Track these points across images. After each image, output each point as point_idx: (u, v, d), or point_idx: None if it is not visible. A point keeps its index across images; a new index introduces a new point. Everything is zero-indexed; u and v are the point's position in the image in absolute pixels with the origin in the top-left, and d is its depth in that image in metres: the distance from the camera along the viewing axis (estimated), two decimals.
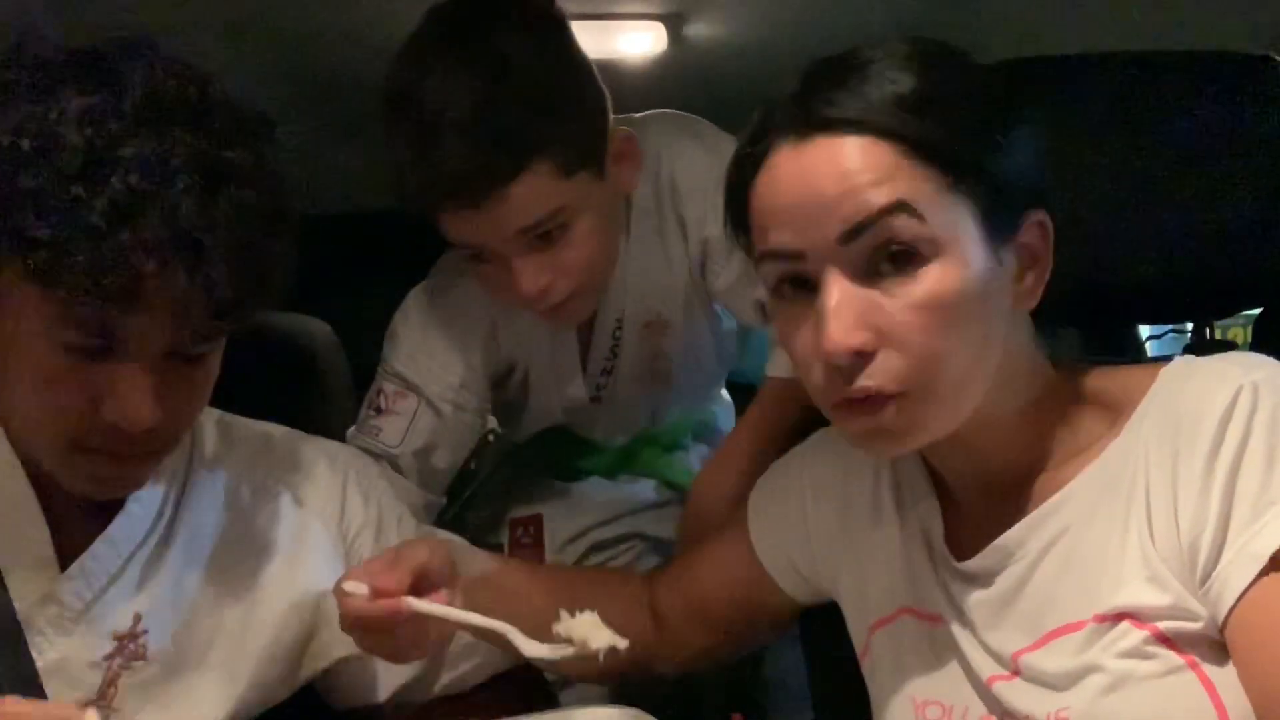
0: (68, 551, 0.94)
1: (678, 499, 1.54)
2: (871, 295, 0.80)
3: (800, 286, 0.83)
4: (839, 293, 0.80)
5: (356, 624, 0.89)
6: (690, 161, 1.32)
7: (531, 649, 0.85)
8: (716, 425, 1.65)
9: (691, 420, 1.61)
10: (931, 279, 0.79)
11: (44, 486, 0.94)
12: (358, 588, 0.87)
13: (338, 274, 1.40)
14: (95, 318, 0.84)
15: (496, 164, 1.10)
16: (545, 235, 1.16)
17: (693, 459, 1.61)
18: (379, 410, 1.33)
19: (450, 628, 0.93)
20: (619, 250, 1.31)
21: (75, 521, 0.95)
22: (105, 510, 0.97)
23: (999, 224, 0.82)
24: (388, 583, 0.87)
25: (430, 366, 1.33)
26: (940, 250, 0.79)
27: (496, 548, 1.51)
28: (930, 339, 0.79)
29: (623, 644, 0.84)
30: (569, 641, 0.83)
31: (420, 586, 0.90)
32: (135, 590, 0.97)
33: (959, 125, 0.80)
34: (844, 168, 0.79)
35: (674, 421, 1.57)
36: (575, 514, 1.53)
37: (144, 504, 0.98)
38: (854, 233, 0.79)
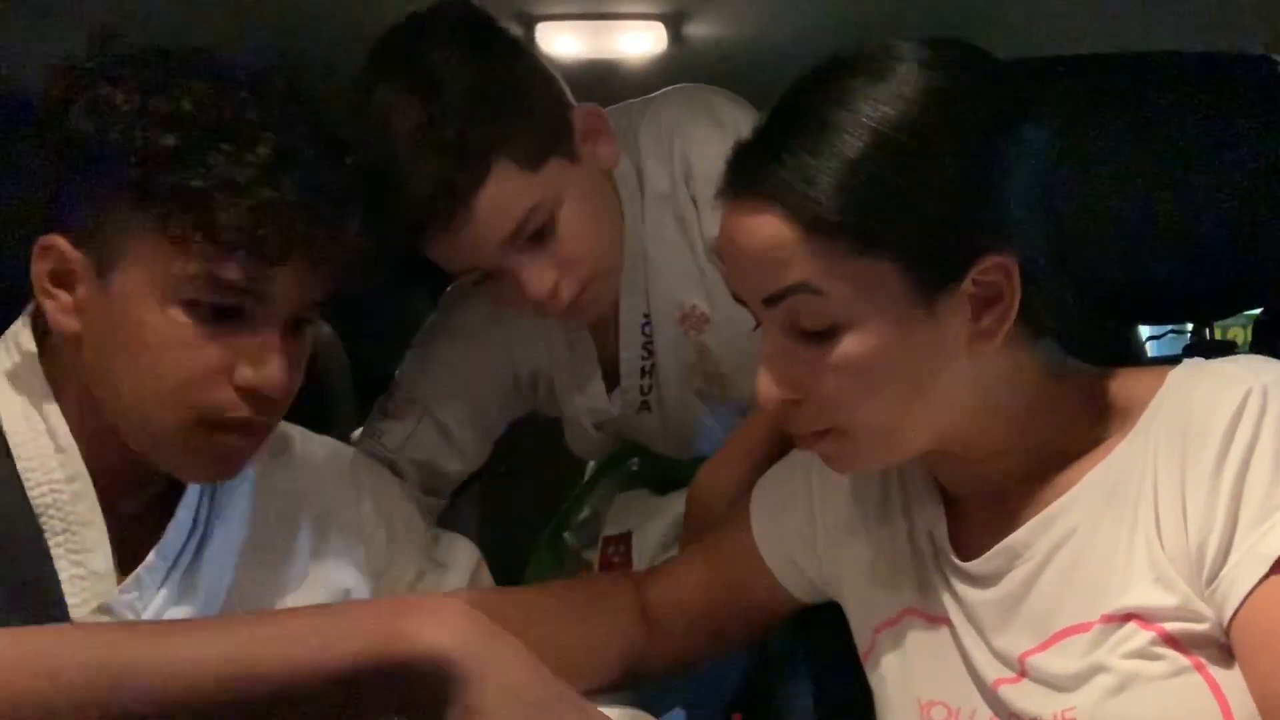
0: (121, 560, 0.93)
1: None
2: (797, 350, 0.84)
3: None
4: (769, 346, 0.85)
5: None
6: (703, 142, 1.26)
7: None
8: None
9: None
10: (842, 347, 0.82)
11: (106, 497, 0.92)
12: None
13: None
14: (244, 274, 0.87)
15: (454, 179, 1.08)
16: (535, 235, 1.13)
17: None
18: (385, 414, 1.33)
19: None
20: (621, 229, 1.27)
21: (129, 531, 0.94)
22: (157, 518, 0.96)
23: (932, 278, 0.81)
24: None
25: (435, 386, 1.32)
26: (850, 319, 0.81)
27: (589, 566, 1.49)
28: (843, 398, 0.84)
29: None
30: None
31: None
32: (177, 599, 0.96)
33: (867, 198, 0.79)
34: (754, 243, 0.82)
35: None
36: (663, 528, 1.46)
37: (187, 509, 0.97)
38: (768, 303, 0.83)
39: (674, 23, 1.72)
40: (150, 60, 0.89)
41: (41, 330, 0.94)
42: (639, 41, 1.78)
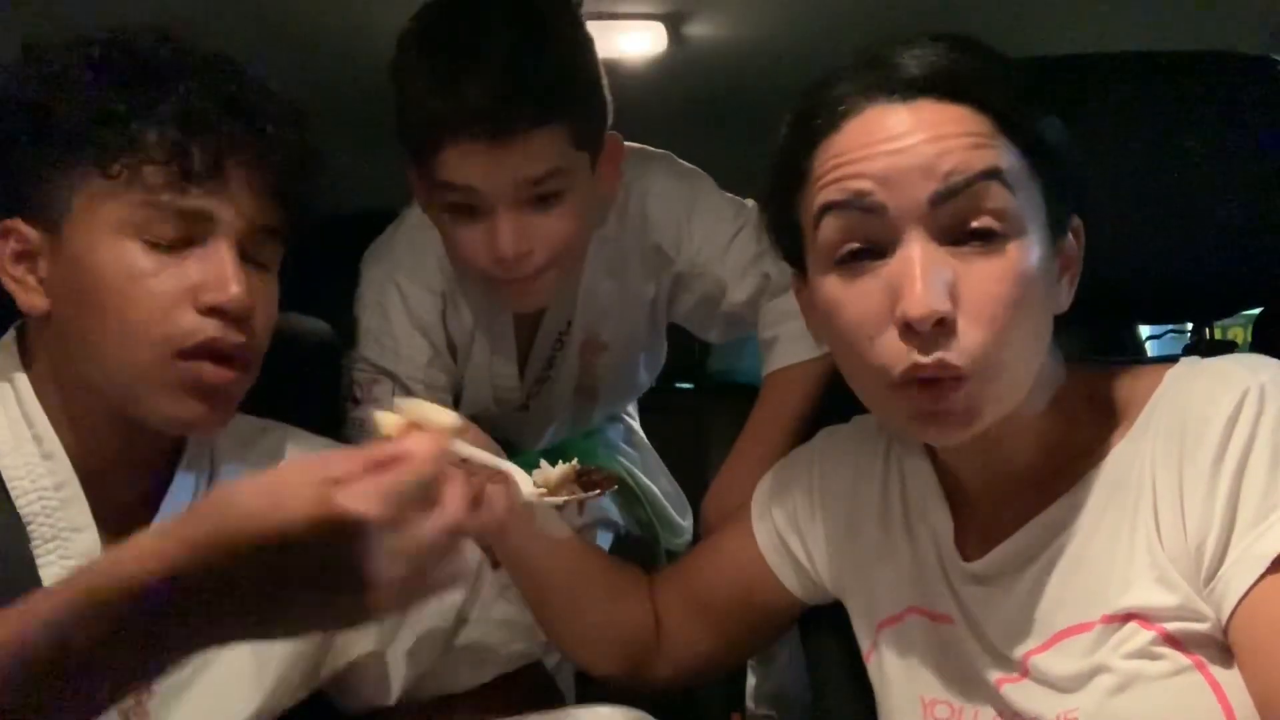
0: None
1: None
2: (953, 263, 0.79)
3: (858, 256, 0.82)
4: (926, 255, 0.79)
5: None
6: (662, 191, 1.35)
7: (527, 487, 0.86)
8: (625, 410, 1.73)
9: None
10: (1012, 256, 0.79)
11: (94, 497, 0.92)
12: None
13: (338, 274, 1.41)
14: (182, 193, 0.89)
15: (524, 108, 1.12)
16: (539, 199, 1.17)
17: (610, 437, 1.68)
18: (357, 401, 1.33)
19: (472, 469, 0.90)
20: (586, 254, 1.33)
21: (118, 531, 0.92)
22: (147, 509, 0.96)
23: (1056, 217, 0.83)
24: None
25: (396, 348, 1.34)
26: (1020, 229, 0.80)
27: None
28: (1008, 314, 0.79)
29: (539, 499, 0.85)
30: (545, 489, 0.86)
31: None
32: None
33: (1037, 108, 0.82)
34: (944, 130, 0.80)
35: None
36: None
37: (175, 503, 0.97)
38: (947, 194, 0.79)
39: (674, 23, 1.73)
40: (59, 45, 0.92)
41: (23, 337, 0.95)
42: (639, 41, 1.78)
